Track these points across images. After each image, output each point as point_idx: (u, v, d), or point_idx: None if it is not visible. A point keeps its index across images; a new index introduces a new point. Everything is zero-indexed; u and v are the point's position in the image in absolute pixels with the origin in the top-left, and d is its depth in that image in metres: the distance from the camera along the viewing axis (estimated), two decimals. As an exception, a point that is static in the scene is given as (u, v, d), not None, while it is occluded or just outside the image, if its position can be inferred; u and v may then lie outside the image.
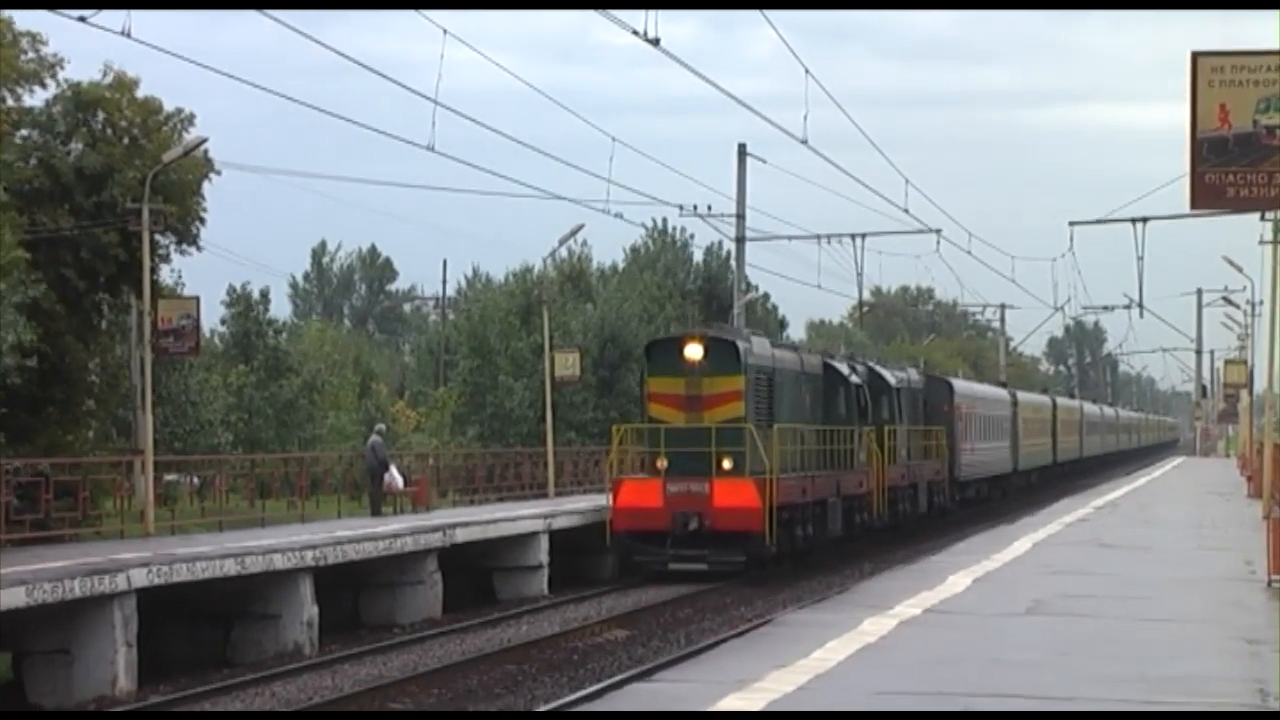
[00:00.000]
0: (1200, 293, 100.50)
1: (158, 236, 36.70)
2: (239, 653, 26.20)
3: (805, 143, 40.83)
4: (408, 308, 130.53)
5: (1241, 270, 68.26)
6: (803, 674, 14.63)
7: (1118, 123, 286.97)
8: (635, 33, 29.18)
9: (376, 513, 38.93)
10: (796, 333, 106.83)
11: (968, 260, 58.77)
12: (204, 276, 44.44)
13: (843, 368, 41.87)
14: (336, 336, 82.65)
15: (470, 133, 33.30)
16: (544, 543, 34.57)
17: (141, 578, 23.25)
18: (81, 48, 36.85)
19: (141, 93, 38.47)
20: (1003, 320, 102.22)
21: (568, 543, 35.65)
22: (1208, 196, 19.91)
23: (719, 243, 75.11)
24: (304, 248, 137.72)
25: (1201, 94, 19.61)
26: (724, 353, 34.79)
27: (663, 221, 78.44)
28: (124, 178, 36.30)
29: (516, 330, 63.72)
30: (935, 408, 51.10)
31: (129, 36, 24.84)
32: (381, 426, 44.38)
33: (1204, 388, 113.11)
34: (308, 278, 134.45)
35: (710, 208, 50.79)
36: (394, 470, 40.94)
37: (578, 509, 37.31)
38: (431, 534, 31.24)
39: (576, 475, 52.26)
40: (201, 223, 39.09)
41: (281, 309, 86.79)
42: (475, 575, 33.83)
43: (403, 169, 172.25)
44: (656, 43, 29.61)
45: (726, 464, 34.14)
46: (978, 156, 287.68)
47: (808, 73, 38.95)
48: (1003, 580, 23.75)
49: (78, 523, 32.39)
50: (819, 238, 52.76)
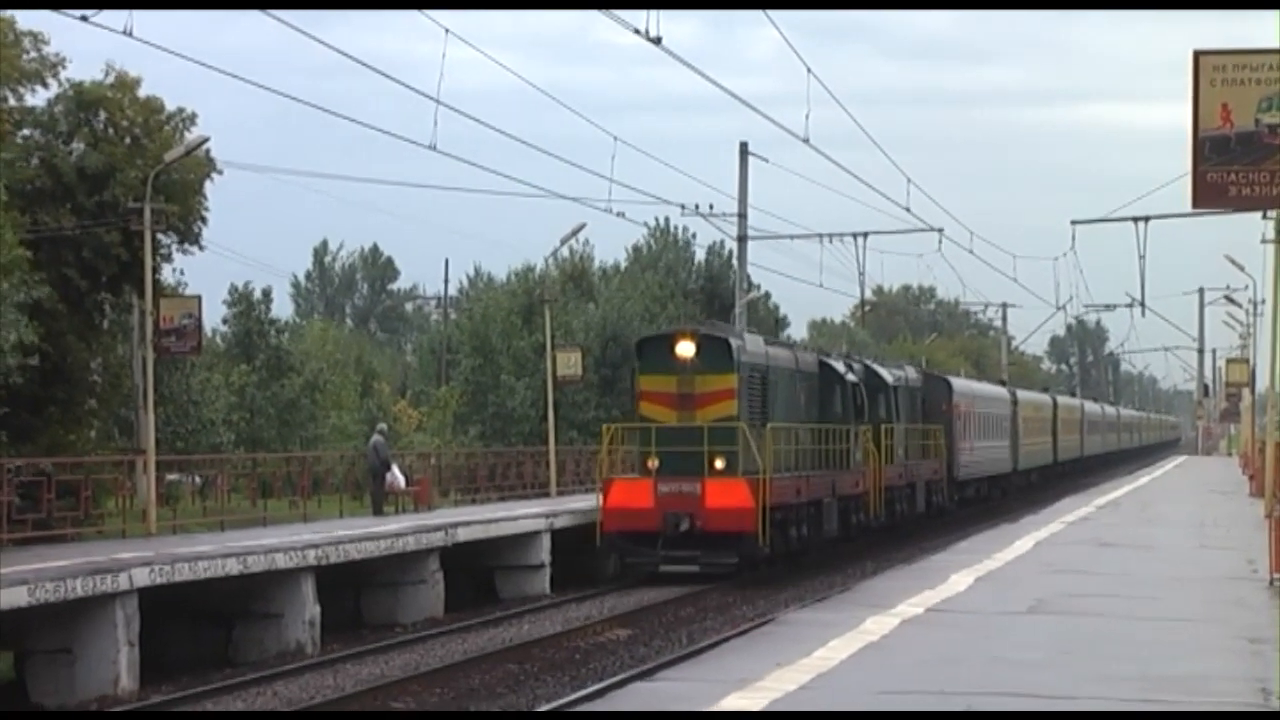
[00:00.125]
0: (1202, 292, 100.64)
1: (160, 236, 36.68)
2: (241, 652, 26.21)
3: (807, 142, 40.88)
4: (409, 307, 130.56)
5: (1243, 269, 68.29)
6: (805, 673, 14.63)
7: (1119, 121, 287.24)
8: (637, 32, 29.19)
9: (378, 512, 38.91)
10: (798, 332, 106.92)
11: (970, 259, 58.69)
12: (206, 276, 44.42)
13: (838, 366, 41.24)
14: (338, 336, 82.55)
15: (472, 132, 33.42)
16: (546, 542, 34.59)
17: (143, 577, 23.27)
18: (83, 47, 36.91)
19: (143, 92, 38.46)
20: (1004, 319, 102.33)
21: (569, 542, 35.62)
22: (1210, 195, 19.88)
23: (721, 242, 75.13)
24: (306, 247, 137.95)
25: (1204, 93, 19.60)
26: (716, 350, 34.14)
27: (665, 221, 78.49)
28: (126, 177, 36.30)
29: (518, 329, 63.72)
30: (933, 406, 50.51)
31: (131, 36, 24.87)
32: (383, 426, 44.36)
33: (1206, 387, 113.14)
34: (310, 277, 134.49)
35: (712, 207, 50.74)
36: (396, 470, 40.93)
37: (579, 508, 37.25)
38: (433, 533, 31.25)
39: (578, 475, 52.19)
40: (203, 222, 39.09)
41: (283, 308, 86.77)
42: (477, 574, 33.83)
43: (405, 168, 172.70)
44: (658, 42, 29.61)
45: (719, 464, 33.47)
46: (979, 155, 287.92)
47: (809, 72, 38.95)
48: (1005, 579, 23.75)
49: (80, 522, 32.39)
50: (821, 237, 52.65)
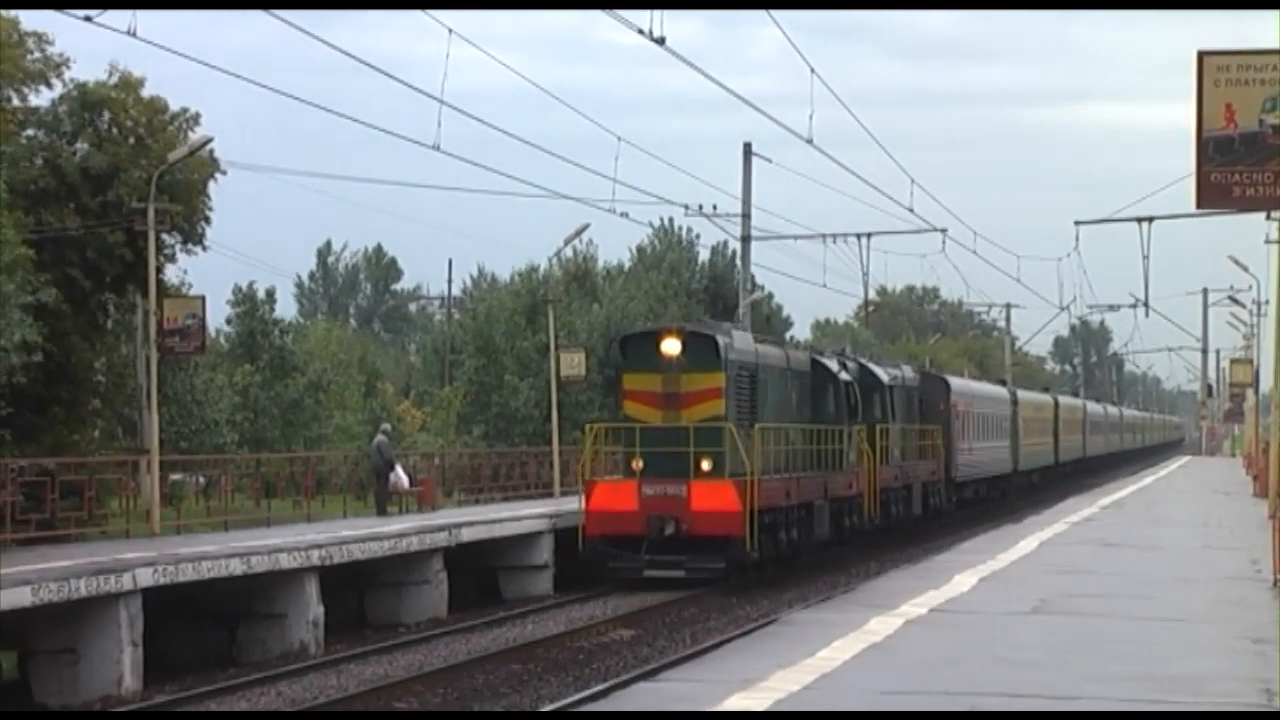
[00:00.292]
0: (1206, 292, 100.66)
1: (163, 236, 36.68)
2: (244, 652, 26.20)
3: (810, 142, 40.86)
4: (413, 307, 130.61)
5: (1247, 269, 68.42)
6: (808, 673, 14.62)
7: (1123, 122, 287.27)
8: (641, 32, 29.16)
9: (382, 512, 38.92)
10: (802, 332, 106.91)
11: (973, 260, 58.93)
12: (209, 276, 44.46)
13: (831, 364, 40.00)
14: (342, 336, 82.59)
15: (476, 132, 33.31)
16: (549, 542, 34.56)
17: (147, 577, 23.26)
18: (87, 47, 36.96)
19: (147, 92, 38.52)
20: (1008, 320, 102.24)
21: (573, 542, 35.53)
22: (1213, 196, 19.88)
23: (724, 242, 75.21)
24: (309, 247, 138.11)
25: (1208, 93, 19.60)
26: (703, 348, 32.94)
27: (668, 221, 78.52)
28: (129, 177, 36.34)
29: (522, 330, 63.74)
30: (931, 406, 49.61)
31: (134, 36, 24.85)
32: (387, 426, 44.39)
33: (1209, 387, 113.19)
34: (313, 277, 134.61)
35: (716, 207, 50.75)
36: (399, 470, 40.92)
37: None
38: (437, 533, 31.23)
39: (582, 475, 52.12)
40: (207, 222, 39.13)
41: (287, 308, 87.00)
42: (481, 575, 33.81)
43: (408, 168, 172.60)
44: (662, 42, 29.58)
45: (705, 465, 32.31)
46: (983, 156, 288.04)
47: (813, 72, 38.85)
48: (1009, 579, 23.74)
49: (83, 522, 32.39)
50: (824, 237, 52.68)
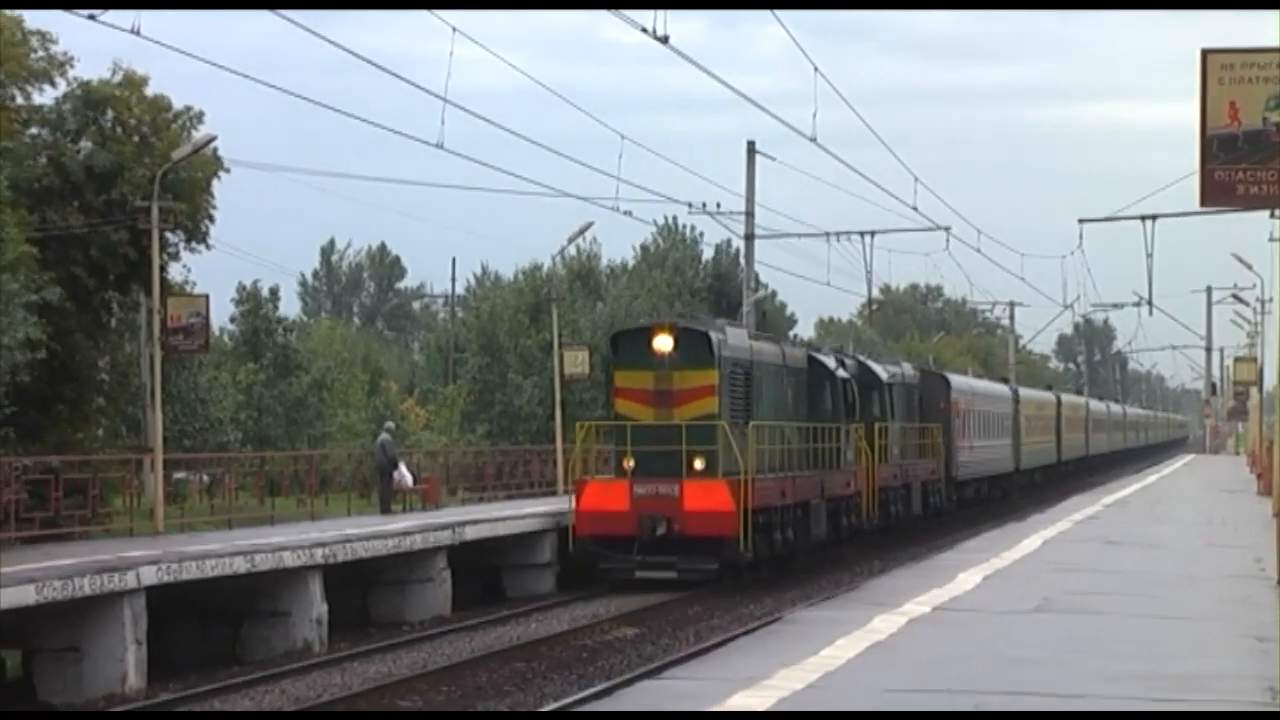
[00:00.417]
0: (1210, 290, 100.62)
1: (167, 234, 36.73)
2: (248, 650, 26.22)
3: (814, 140, 40.86)
4: (417, 305, 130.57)
5: (1251, 268, 68.31)
6: (812, 672, 14.62)
7: (1127, 120, 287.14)
8: (644, 30, 29.17)
9: (386, 510, 38.94)
10: (806, 330, 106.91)
11: (977, 258, 58.65)
12: (213, 274, 44.48)
13: (829, 361, 39.60)
14: (346, 334, 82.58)
15: (479, 130, 33.29)
16: (552, 541, 34.55)
17: (151, 575, 23.28)
18: (91, 46, 36.97)
19: (151, 90, 38.53)
20: (1012, 318, 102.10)
21: (576, 540, 35.58)
22: (1217, 194, 19.85)
23: (728, 240, 75.14)
24: (313, 246, 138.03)
25: (1211, 91, 19.57)
26: (695, 344, 32.35)
27: (672, 219, 78.54)
28: (133, 175, 36.35)
29: (526, 328, 63.73)
30: (931, 404, 49.31)
31: (138, 34, 24.88)
32: (391, 424, 44.38)
33: (1213, 385, 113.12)
34: (317, 275, 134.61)
35: (719, 205, 50.72)
36: (403, 468, 40.92)
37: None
38: (440, 532, 31.25)
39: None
40: (211, 220, 39.15)
41: (291, 307, 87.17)
42: (484, 573, 33.82)
43: (412, 167, 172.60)
44: (665, 40, 29.60)
45: (698, 464, 31.86)
46: (986, 154, 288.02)
47: (816, 70, 38.85)
48: (1012, 578, 23.72)
49: (87, 520, 32.43)
50: (828, 235, 52.60)
